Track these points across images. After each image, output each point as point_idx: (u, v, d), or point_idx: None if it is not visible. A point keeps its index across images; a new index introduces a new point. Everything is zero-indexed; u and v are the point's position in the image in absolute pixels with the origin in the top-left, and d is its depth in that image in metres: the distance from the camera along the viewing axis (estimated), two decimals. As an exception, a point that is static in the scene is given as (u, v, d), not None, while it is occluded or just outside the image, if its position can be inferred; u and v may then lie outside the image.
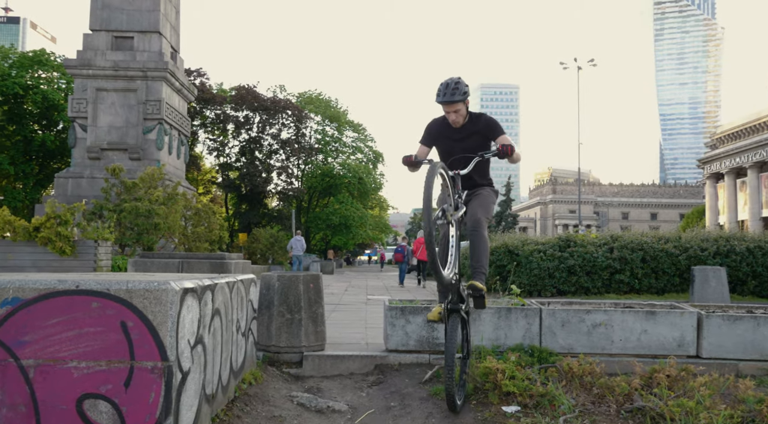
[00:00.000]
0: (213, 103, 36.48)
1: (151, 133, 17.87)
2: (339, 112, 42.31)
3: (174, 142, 19.25)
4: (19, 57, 36.14)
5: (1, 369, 2.90)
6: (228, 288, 3.99)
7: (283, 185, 39.32)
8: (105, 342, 2.91)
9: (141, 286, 2.94)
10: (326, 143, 42.04)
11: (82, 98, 18.26)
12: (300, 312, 5.03)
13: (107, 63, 18.13)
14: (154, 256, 7.65)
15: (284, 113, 37.96)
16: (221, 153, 39.00)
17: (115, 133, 18.09)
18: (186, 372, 3.10)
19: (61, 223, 8.34)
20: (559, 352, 4.92)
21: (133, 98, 18.07)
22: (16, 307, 2.92)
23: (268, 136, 38.48)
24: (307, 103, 41.51)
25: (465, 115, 4.20)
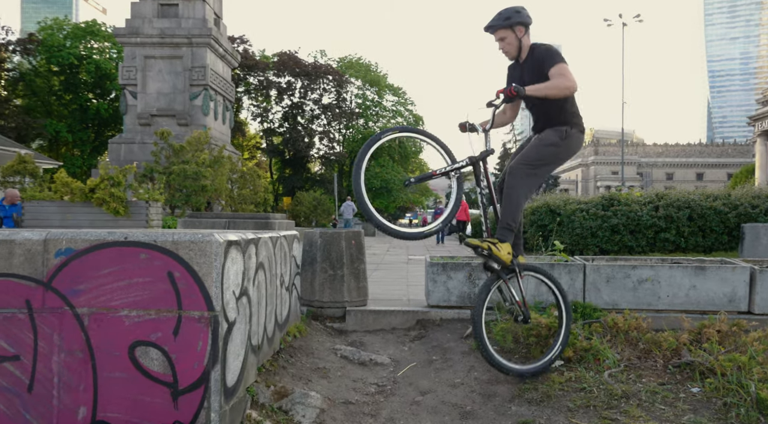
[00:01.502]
0: (256, 70, 36.55)
1: (197, 99, 18.02)
2: (379, 76, 41.82)
3: (219, 108, 19.39)
4: (72, 28, 36.86)
5: (58, 317, 2.97)
6: (271, 243, 3.98)
7: (325, 150, 39.42)
8: (153, 292, 2.94)
9: (186, 238, 2.93)
10: (367, 107, 41.73)
11: (132, 66, 18.49)
12: (342, 268, 5.01)
13: (154, 30, 18.25)
14: (202, 216, 7.78)
15: (325, 78, 37.77)
16: (265, 119, 39.22)
17: (163, 99, 18.32)
18: (232, 322, 3.11)
19: (114, 184, 8.54)
20: (604, 308, 4.78)
21: (179, 65, 18.20)
22: (69, 257, 2.97)
23: (309, 102, 38.45)
24: (347, 67, 41.14)
25: (517, 45, 3.69)
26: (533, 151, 3.66)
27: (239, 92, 37.20)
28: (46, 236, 2.98)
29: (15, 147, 21.21)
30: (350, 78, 39.77)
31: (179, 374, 2.94)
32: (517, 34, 3.68)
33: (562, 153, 3.70)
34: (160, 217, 9.15)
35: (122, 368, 2.95)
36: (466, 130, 3.72)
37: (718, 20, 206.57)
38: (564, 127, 3.66)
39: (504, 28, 3.66)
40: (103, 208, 8.42)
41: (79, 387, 2.97)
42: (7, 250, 2.98)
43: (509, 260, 3.55)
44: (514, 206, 3.56)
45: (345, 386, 3.87)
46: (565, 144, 3.66)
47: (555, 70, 3.53)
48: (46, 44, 34.61)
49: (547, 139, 3.66)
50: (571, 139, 3.68)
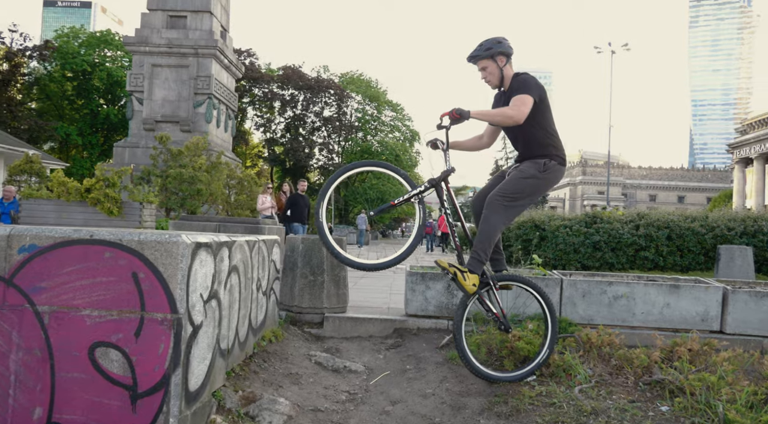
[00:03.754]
0: (261, 82, 36.45)
1: (200, 106, 17.87)
2: (378, 92, 41.77)
3: (222, 116, 19.24)
4: (87, 37, 36.79)
5: (18, 314, 2.77)
6: (248, 247, 3.79)
7: (324, 161, 39.25)
8: (117, 292, 2.75)
9: (152, 238, 2.75)
10: (366, 122, 41.64)
11: (139, 73, 18.35)
12: (323, 274, 4.82)
13: (162, 40, 18.14)
14: (193, 218, 7.59)
15: (327, 92, 37.68)
16: (268, 129, 39.09)
17: (168, 106, 18.16)
18: (198, 326, 2.91)
19: (109, 185, 8.36)
20: (579, 323, 4.61)
21: (185, 74, 18.06)
22: (33, 254, 2.78)
23: (311, 114, 38.34)
24: (348, 83, 41.09)
25: (498, 75, 3.57)
26: (512, 184, 3.50)
27: (244, 103, 37.09)
28: (10, 231, 2.79)
29: (25, 147, 20.98)
30: (351, 93, 39.70)
31: (139, 377, 2.74)
32: (498, 63, 3.57)
33: (541, 186, 3.54)
34: (153, 218, 8.95)
35: (81, 368, 2.75)
36: (437, 147, 3.58)
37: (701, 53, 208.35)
38: (543, 160, 3.52)
39: (485, 58, 3.56)
40: (97, 208, 8.23)
41: (36, 387, 2.77)
42: (-31, 244, 2.79)
43: (472, 290, 3.42)
44: (488, 239, 3.43)
45: (316, 393, 3.67)
46: (544, 177, 3.51)
47: (513, 99, 3.42)
48: (62, 51, 34.50)
49: (526, 171, 3.51)
50: (550, 172, 3.53)
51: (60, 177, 8.54)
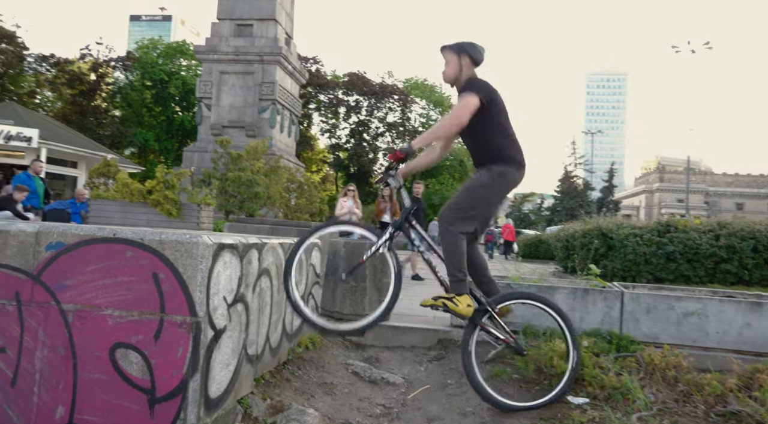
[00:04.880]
0: (327, 88, 37.00)
1: (265, 112, 18.23)
2: (443, 97, 41.42)
3: (285, 122, 19.56)
4: (165, 47, 38.67)
5: (44, 311, 2.76)
6: (282, 250, 3.66)
7: (389, 166, 39.31)
8: (138, 292, 2.68)
9: (173, 238, 2.66)
10: (429, 126, 41.43)
11: (208, 80, 18.95)
12: (365, 280, 4.65)
13: (230, 48, 18.66)
14: (248, 221, 7.64)
15: (391, 98, 37.76)
16: (332, 135, 39.61)
17: (234, 112, 18.65)
18: (220, 330, 2.80)
19: (169, 187, 8.59)
20: (642, 341, 4.18)
21: (251, 80, 18.50)
22: (59, 251, 2.76)
23: (375, 120, 38.53)
24: (412, 88, 41.01)
25: (456, 71, 3.36)
26: (464, 195, 3.26)
27: (310, 109, 37.76)
28: (38, 228, 2.79)
29: (105, 152, 22.13)
30: (415, 98, 39.61)
31: (158, 381, 2.65)
32: (461, 61, 3.36)
33: (495, 194, 3.28)
34: (211, 220, 9.13)
35: (102, 369, 2.69)
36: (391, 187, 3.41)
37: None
38: (496, 167, 3.25)
39: (452, 51, 3.39)
40: (158, 209, 8.48)
41: (59, 386, 2.74)
42: (2, 240, 2.81)
43: (469, 312, 3.18)
44: (455, 257, 3.18)
45: (349, 405, 3.48)
46: (498, 184, 3.25)
47: (456, 103, 3.21)
48: (142, 61, 36.41)
49: (479, 180, 3.27)
50: (505, 178, 3.26)
51: (124, 179, 8.88)
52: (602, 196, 50.79)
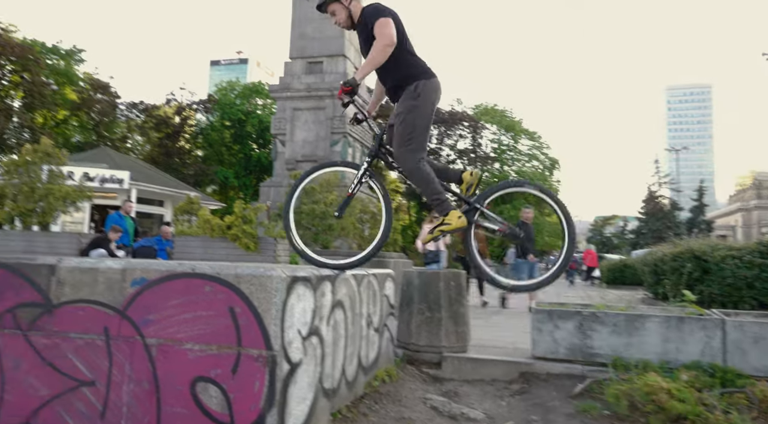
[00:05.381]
0: (397, 119, 37.50)
1: (336, 145, 18.64)
2: (514, 121, 40.90)
3: (357, 154, 19.90)
4: (242, 88, 40.76)
5: (130, 346, 2.86)
6: (355, 281, 3.65)
7: (461, 193, 39.04)
8: (215, 326, 2.73)
9: (248, 272, 2.71)
10: (502, 152, 40.84)
11: (282, 117, 19.66)
12: (440, 311, 4.54)
13: (302, 85, 19.32)
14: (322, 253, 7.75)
15: (461, 125, 37.70)
16: (404, 164, 39.88)
17: (307, 147, 19.18)
18: (295, 363, 2.79)
19: (246, 222, 8.90)
20: (751, 375, 3.81)
21: (322, 115, 19.02)
22: (143, 287, 2.87)
23: (446, 147, 38.53)
24: (482, 114, 40.77)
25: (347, 14, 3.47)
26: (400, 128, 3.34)
27: (381, 140, 38.28)
28: (124, 265, 2.92)
29: (188, 190, 23.35)
30: (485, 124, 39.33)
31: (236, 416, 2.67)
32: (344, 3, 3.47)
33: (423, 109, 3.35)
34: (287, 253, 9.33)
35: (183, 403, 2.75)
36: (360, 120, 3.70)
37: None
38: (412, 85, 3.36)
39: (330, 2, 3.50)
40: (236, 243, 8.78)
41: (144, 420, 2.81)
42: (91, 277, 2.96)
43: (464, 223, 3.29)
44: (425, 183, 3.31)
45: (428, 442, 3.37)
46: (422, 100, 3.34)
47: (375, 31, 3.29)
48: (221, 103, 38.49)
49: (404, 106, 3.36)
50: (425, 91, 3.36)
51: (205, 215, 9.32)
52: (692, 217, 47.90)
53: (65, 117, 36.83)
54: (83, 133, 37.77)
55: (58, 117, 36.70)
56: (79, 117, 36.52)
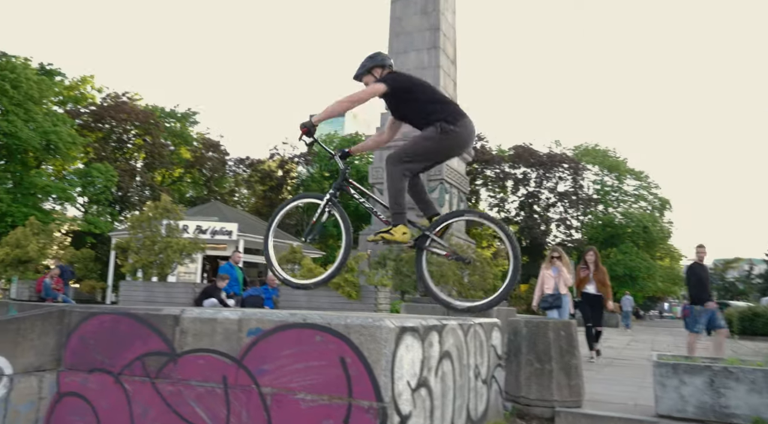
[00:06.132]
0: (492, 163, 37.25)
1: (433, 192, 18.75)
2: (618, 161, 39.26)
3: (454, 200, 19.92)
4: (339, 140, 42.51)
5: (247, 394, 2.97)
6: (462, 331, 3.60)
7: (563, 237, 37.62)
8: (327, 376, 2.78)
9: (357, 322, 2.75)
10: (605, 193, 39.16)
11: (379, 167, 20.14)
12: (551, 362, 4.34)
13: (399, 135, 19.75)
14: (422, 301, 7.73)
15: (560, 167, 36.73)
16: (501, 208, 39.30)
17: (404, 194, 19.40)
18: (405, 416, 2.77)
19: (348, 270, 9.10)
20: None
21: (418, 163, 19.25)
22: (258, 337, 2.99)
23: (545, 190, 37.58)
24: (583, 155, 39.55)
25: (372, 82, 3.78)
26: (411, 143, 3.64)
27: (477, 185, 38.11)
28: (240, 316, 3.07)
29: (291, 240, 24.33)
30: (586, 165, 38.06)
31: (348, 468, 2.67)
32: (375, 76, 3.80)
33: (438, 148, 3.62)
34: (388, 300, 9.40)
35: (297, 453, 2.79)
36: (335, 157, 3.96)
37: None
38: (439, 123, 3.57)
39: (365, 75, 3.83)
40: (338, 292, 8.98)
41: (260, 468, 2.88)
42: (211, 327, 3.14)
43: (406, 239, 3.58)
44: (396, 192, 3.60)
45: None
46: (441, 139, 3.56)
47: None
48: (321, 155, 40.24)
49: (425, 133, 3.61)
50: (449, 136, 3.57)
51: (308, 264, 9.67)
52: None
53: (180, 174, 40.10)
54: (196, 189, 40.84)
55: (175, 175, 40.02)
56: (192, 174, 39.60)
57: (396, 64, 16.10)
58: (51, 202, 31.14)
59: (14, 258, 15.41)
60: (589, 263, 8.71)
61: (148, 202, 23.94)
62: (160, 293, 11.58)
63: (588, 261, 8.75)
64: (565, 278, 8.20)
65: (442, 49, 20.08)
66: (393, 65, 3.88)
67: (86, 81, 37.28)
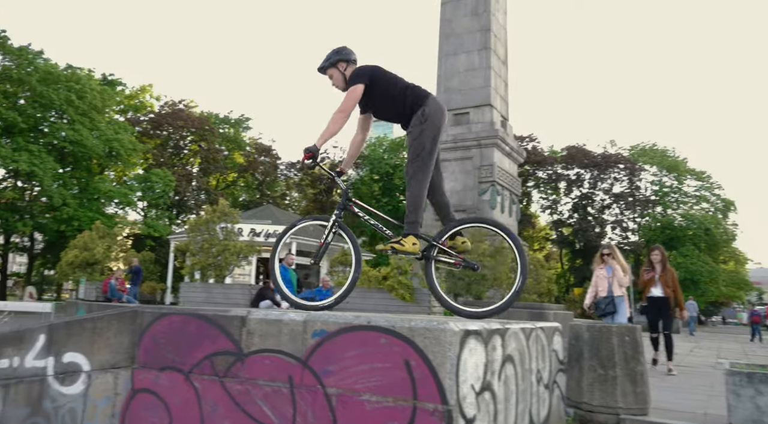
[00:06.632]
0: (544, 165, 36.59)
1: (485, 194, 18.61)
2: (677, 161, 37.81)
3: (506, 202, 19.69)
4: (389, 143, 42.68)
5: (312, 394, 3.04)
6: (524, 335, 3.56)
7: (619, 239, 36.51)
8: (391, 379, 2.81)
9: (422, 325, 2.77)
10: (664, 194, 37.78)
11: (438, 163, 20.08)
12: (614, 368, 4.24)
13: (449, 138, 19.75)
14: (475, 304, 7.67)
15: (616, 167, 35.70)
16: (554, 211, 38.51)
17: (455, 196, 19.36)
18: (470, 419, 2.77)
19: (402, 273, 9.14)
20: None
21: (469, 165, 19.19)
22: (322, 338, 3.06)
23: (599, 192, 36.60)
24: (640, 155, 38.30)
25: (343, 79, 3.88)
26: (410, 150, 3.74)
27: (529, 187, 37.50)
28: (305, 317, 3.14)
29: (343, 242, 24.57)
30: (643, 165, 36.83)
31: (413, 470, 2.69)
32: (340, 69, 3.89)
33: (428, 133, 3.67)
34: (441, 304, 9.39)
35: (362, 453, 2.83)
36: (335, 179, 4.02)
37: None
38: (417, 113, 3.69)
39: (329, 67, 3.90)
40: (392, 294, 9.03)
41: (325, 467, 2.94)
42: (276, 329, 3.22)
43: (416, 250, 3.60)
44: (414, 202, 3.66)
45: None
46: (428, 123, 3.67)
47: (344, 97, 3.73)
48: (370, 158, 40.55)
49: (412, 131, 3.72)
50: (429, 114, 3.68)
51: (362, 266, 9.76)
52: None
53: (234, 179, 41.18)
54: (248, 193, 41.84)
55: (228, 179, 41.14)
56: (245, 178, 40.60)
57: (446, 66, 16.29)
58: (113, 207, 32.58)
59: (82, 260, 16.23)
60: (655, 263, 7.97)
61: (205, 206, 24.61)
62: (218, 294, 11.93)
63: (654, 261, 7.99)
64: (619, 278, 7.53)
65: (493, 50, 19.90)
66: (357, 61, 3.97)
67: (145, 90, 38.87)
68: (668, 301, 7.84)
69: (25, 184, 29.52)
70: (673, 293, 7.85)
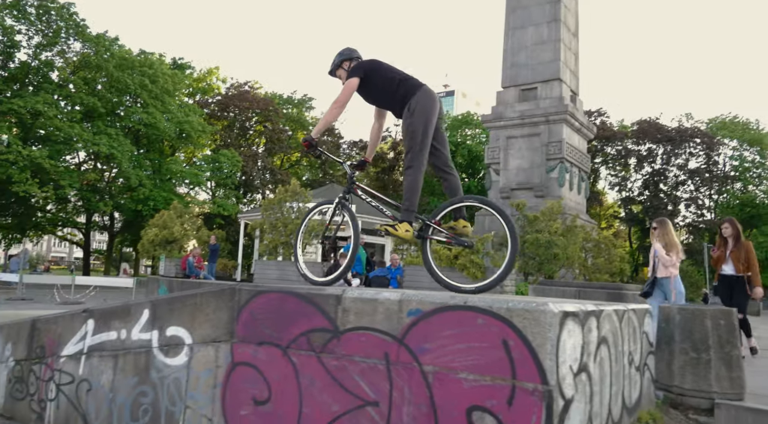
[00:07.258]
0: (614, 140, 35.27)
1: (553, 171, 18.23)
2: (761, 134, 35.52)
3: (575, 179, 19.21)
4: (451, 120, 42.27)
5: (408, 371, 3.14)
6: (617, 317, 3.53)
7: (693, 217, 34.91)
8: (489, 358, 2.86)
9: (520, 306, 2.80)
10: (745, 169, 35.67)
11: (496, 147, 19.91)
12: (708, 352, 4.13)
13: (515, 114, 19.40)
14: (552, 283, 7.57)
15: (692, 142, 33.96)
16: (623, 188, 37.18)
17: (522, 174, 19.08)
18: (568, 400, 2.79)
19: (473, 252, 9.14)
20: None
21: (537, 141, 18.82)
22: (418, 317, 3.14)
23: (673, 167, 35.00)
24: (719, 128, 36.22)
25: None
26: (405, 142, 3.85)
27: (597, 163, 36.31)
28: (401, 296, 3.23)
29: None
30: (722, 139, 34.84)
31: (512, 447, 2.75)
32: (345, 68, 4.07)
33: (419, 122, 3.76)
34: (513, 282, 9.33)
35: (460, 429, 2.92)
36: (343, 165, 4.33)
37: None
38: (406, 104, 3.80)
39: (337, 69, 4.12)
40: (464, 273, 9.06)
41: (423, 441, 3.04)
42: (371, 307, 3.34)
43: (409, 236, 3.78)
44: (410, 190, 3.81)
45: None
46: (417, 113, 3.77)
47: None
48: (430, 136, 40.37)
49: (404, 124, 3.82)
50: (417, 105, 3.78)
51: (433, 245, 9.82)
52: None
53: (297, 158, 41.95)
54: (311, 172, 42.58)
55: (292, 159, 41.95)
56: (308, 157, 41.26)
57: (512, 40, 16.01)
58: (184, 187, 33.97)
59: (162, 238, 17.10)
60: (727, 238, 7.14)
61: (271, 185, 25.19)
62: (291, 271, 12.32)
63: (725, 235, 7.14)
64: (662, 257, 6.67)
65: (563, 22, 19.24)
66: (360, 57, 4.15)
67: (212, 72, 40.01)
68: (741, 279, 7.08)
69: (105, 166, 31.23)
70: (748, 270, 7.06)
